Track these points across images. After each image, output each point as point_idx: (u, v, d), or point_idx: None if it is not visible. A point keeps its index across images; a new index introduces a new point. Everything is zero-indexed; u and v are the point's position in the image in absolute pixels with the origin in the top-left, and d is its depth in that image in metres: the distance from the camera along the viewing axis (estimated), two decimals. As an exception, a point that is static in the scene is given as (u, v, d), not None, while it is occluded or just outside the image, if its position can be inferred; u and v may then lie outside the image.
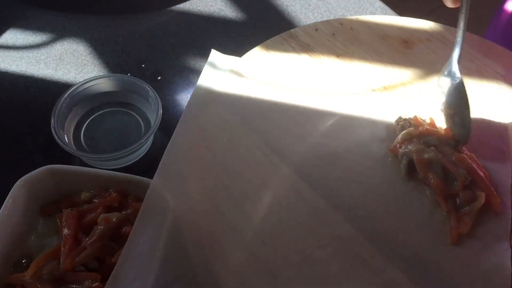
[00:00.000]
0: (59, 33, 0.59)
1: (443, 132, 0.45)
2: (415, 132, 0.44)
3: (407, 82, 0.51)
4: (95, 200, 0.42)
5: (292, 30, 0.55)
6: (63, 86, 0.54)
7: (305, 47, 0.54)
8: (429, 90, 0.50)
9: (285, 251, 0.40)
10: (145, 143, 0.47)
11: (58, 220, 0.40)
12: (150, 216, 0.39)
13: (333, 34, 0.55)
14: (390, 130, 0.47)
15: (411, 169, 0.44)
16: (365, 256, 0.39)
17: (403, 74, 0.52)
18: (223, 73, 0.49)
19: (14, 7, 0.61)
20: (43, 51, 0.57)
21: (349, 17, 0.57)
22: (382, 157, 0.45)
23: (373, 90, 0.51)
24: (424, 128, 0.45)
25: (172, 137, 0.44)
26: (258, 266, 0.39)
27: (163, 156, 0.42)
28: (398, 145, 0.45)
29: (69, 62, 0.56)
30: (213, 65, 0.49)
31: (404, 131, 0.45)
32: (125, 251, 0.37)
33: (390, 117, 0.48)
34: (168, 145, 0.43)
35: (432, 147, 0.43)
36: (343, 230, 0.41)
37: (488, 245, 0.40)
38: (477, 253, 0.40)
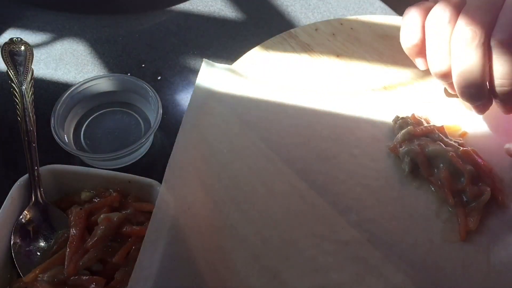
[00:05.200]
0: (59, 33, 0.59)
1: (441, 129, 0.45)
2: (414, 131, 0.45)
3: (407, 82, 0.51)
4: (95, 200, 0.42)
5: (292, 30, 0.55)
6: (63, 86, 0.54)
7: (305, 47, 0.54)
8: (429, 90, 0.50)
9: (292, 258, 0.39)
10: (145, 143, 0.47)
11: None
12: (160, 227, 0.38)
13: (333, 34, 0.55)
14: (390, 130, 0.47)
15: (414, 168, 0.44)
16: (374, 261, 0.39)
17: (403, 74, 0.52)
18: (222, 74, 0.49)
19: (14, 7, 0.61)
20: (43, 51, 0.57)
21: (349, 17, 0.57)
22: (384, 158, 0.45)
23: (373, 90, 0.51)
24: (424, 126, 0.45)
25: (175, 143, 0.43)
26: (262, 271, 0.39)
27: (168, 164, 0.42)
28: (398, 145, 0.45)
29: (69, 62, 0.56)
30: (207, 73, 0.49)
31: (404, 130, 0.45)
32: (138, 262, 0.37)
33: (390, 117, 0.48)
34: (172, 152, 0.43)
35: (438, 142, 0.43)
36: (352, 235, 0.40)
37: (496, 240, 0.40)
38: (486, 248, 0.40)
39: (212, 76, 0.49)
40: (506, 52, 0.38)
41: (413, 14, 0.45)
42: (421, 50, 0.45)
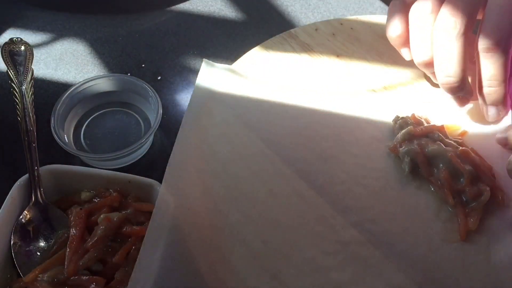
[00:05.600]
0: (59, 33, 0.59)
1: (441, 129, 0.45)
2: (415, 131, 0.45)
3: (407, 82, 0.51)
4: (95, 200, 0.42)
5: (292, 30, 0.55)
6: (63, 86, 0.54)
7: (305, 47, 0.54)
8: (429, 90, 0.50)
9: (291, 258, 0.39)
10: (145, 143, 0.47)
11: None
12: (160, 227, 0.38)
13: (333, 34, 0.55)
14: (390, 130, 0.47)
15: (414, 168, 0.44)
16: (374, 261, 0.39)
17: (403, 74, 0.52)
18: (222, 75, 0.49)
19: (14, 7, 0.61)
20: (43, 51, 0.57)
21: (349, 17, 0.57)
22: (384, 158, 0.45)
23: (373, 90, 0.51)
24: (423, 126, 0.45)
25: (175, 143, 0.43)
26: (262, 272, 0.38)
27: (168, 164, 0.42)
28: (398, 145, 0.45)
29: (69, 62, 0.56)
30: (207, 73, 0.49)
31: (404, 130, 0.45)
32: (138, 262, 0.36)
33: (390, 117, 0.48)
34: (172, 152, 0.43)
35: (438, 141, 0.43)
36: (352, 235, 0.40)
37: (496, 239, 0.40)
38: (486, 247, 0.40)
39: (212, 76, 0.49)
40: (492, 56, 0.41)
41: (398, 5, 0.47)
42: (406, 41, 0.47)
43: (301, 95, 0.49)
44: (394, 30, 0.47)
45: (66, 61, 0.56)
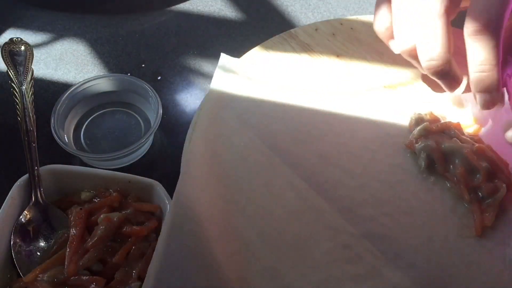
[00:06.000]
0: (59, 33, 0.59)
1: (457, 126, 0.45)
2: (431, 127, 0.45)
3: (407, 82, 0.51)
4: (95, 200, 0.42)
5: (292, 30, 0.55)
6: (63, 86, 0.54)
7: (305, 47, 0.54)
8: (429, 90, 0.50)
9: (305, 253, 0.39)
10: (145, 143, 0.47)
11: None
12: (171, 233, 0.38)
13: (333, 34, 0.55)
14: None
15: (430, 164, 0.44)
16: (390, 255, 0.39)
17: (403, 74, 0.52)
18: (232, 78, 0.49)
19: (14, 7, 0.61)
20: (43, 51, 0.57)
21: (349, 17, 0.57)
22: (398, 154, 0.45)
23: (373, 90, 0.51)
24: (440, 123, 0.45)
25: (187, 150, 0.43)
26: (264, 271, 0.38)
27: (181, 172, 0.41)
28: (414, 140, 0.45)
29: (69, 62, 0.56)
30: (223, 70, 0.49)
31: (420, 126, 0.45)
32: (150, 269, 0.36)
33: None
34: (186, 159, 0.42)
35: (454, 138, 0.44)
36: (367, 229, 0.40)
37: None
38: (501, 244, 0.40)
39: (224, 78, 0.49)
40: (482, 38, 0.39)
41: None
42: (393, 34, 0.46)
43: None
44: (381, 23, 0.46)
45: (66, 61, 0.56)
